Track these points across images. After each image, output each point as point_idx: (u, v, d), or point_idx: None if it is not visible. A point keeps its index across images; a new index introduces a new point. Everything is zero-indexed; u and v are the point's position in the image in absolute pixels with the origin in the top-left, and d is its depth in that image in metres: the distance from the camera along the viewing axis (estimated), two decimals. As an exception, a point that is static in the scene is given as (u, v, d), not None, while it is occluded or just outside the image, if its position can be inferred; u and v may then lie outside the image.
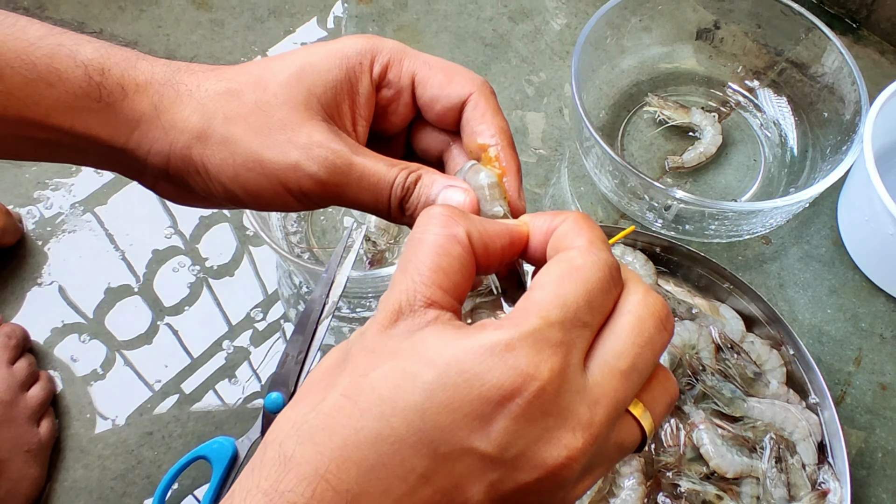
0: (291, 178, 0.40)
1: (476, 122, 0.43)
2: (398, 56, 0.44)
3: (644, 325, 0.32)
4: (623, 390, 0.31)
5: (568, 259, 0.32)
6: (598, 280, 0.31)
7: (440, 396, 0.29)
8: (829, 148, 0.77)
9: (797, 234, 0.79)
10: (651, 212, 0.76)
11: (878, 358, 0.73)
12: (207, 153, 0.42)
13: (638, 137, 0.84)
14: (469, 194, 0.40)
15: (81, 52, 0.42)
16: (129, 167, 0.44)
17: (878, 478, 0.68)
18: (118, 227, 0.79)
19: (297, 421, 0.31)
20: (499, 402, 0.29)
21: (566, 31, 0.93)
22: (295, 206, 0.43)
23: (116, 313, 0.75)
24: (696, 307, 0.72)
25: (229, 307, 0.75)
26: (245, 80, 0.43)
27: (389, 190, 0.41)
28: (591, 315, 0.31)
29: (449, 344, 0.30)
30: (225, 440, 0.65)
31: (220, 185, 0.42)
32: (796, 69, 0.84)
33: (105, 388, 0.71)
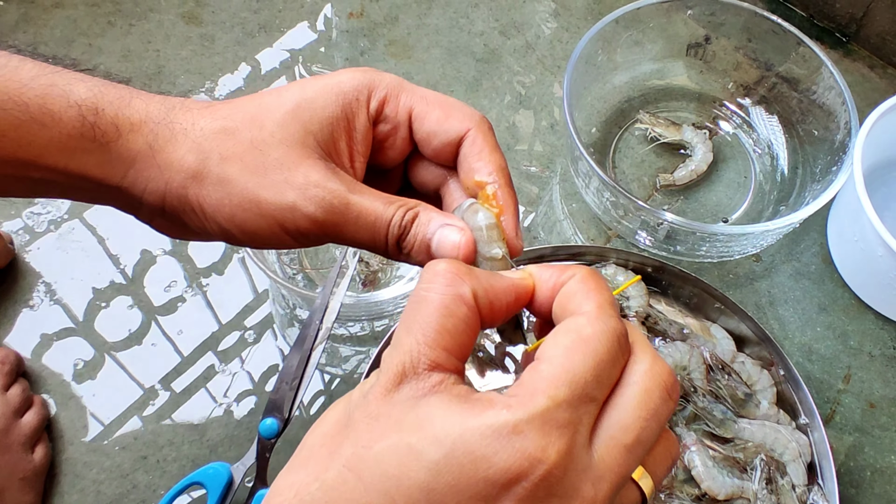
0: (288, 218, 0.40)
1: (474, 159, 0.43)
2: (395, 91, 0.44)
3: (650, 396, 0.32)
4: (627, 464, 0.31)
5: (577, 328, 0.32)
6: (606, 351, 0.31)
7: (446, 477, 0.28)
8: (819, 167, 0.77)
9: (787, 252, 0.80)
10: (643, 230, 0.76)
11: (866, 376, 0.74)
12: (203, 193, 0.41)
13: (629, 154, 0.85)
14: (465, 234, 0.40)
15: (75, 91, 0.42)
16: (124, 204, 0.44)
17: (866, 496, 0.69)
18: (111, 248, 0.79)
19: (300, 490, 0.30)
20: (505, 485, 0.29)
21: (557, 46, 0.93)
22: (292, 245, 0.43)
23: (109, 334, 0.75)
24: (688, 327, 0.72)
25: (222, 329, 0.75)
26: (241, 118, 0.42)
27: (386, 229, 0.40)
28: (599, 389, 0.31)
29: (456, 421, 0.29)
30: (220, 466, 0.65)
31: (217, 224, 0.42)
32: (787, 84, 0.84)
33: (99, 412, 0.71)
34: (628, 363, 0.32)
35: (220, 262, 0.78)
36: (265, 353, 0.74)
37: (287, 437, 0.69)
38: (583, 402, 0.30)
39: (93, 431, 0.70)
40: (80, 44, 0.90)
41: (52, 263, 0.78)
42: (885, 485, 0.69)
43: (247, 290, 0.77)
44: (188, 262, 0.78)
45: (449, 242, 0.40)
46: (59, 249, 0.78)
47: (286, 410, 0.64)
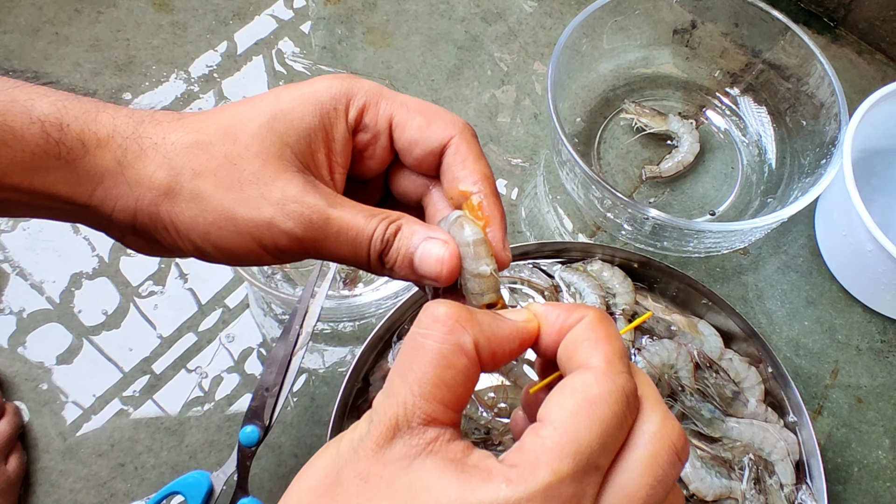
0: (266, 235, 0.39)
1: (458, 168, 0.41)
2: (374, 98, 0.42)
3: (658, 461, 0.30)
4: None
5: (583, 388, 0.29)
6: (614, 415, 0.29)
7: None
8: (807, 159, 0.76)
9: (775, 244, 0.79)
10: (629, 224, 0.75)
11: (854, 371, 0.73)
12: (176, 210, 0.40)
13: (615, 145, 0.83)
14: (449, 247, 0.38)
15: (37, 107, 0.40)
16: (93, 221, 0.42)
17: (853, 493, 0.69)
18: (83, 250, 0.76)
19: None
20: None
21: (540, 32, 0.91)
22: (270, 262, 0.41)
23: (83, 342, 0.72)
24: (675, 324, 0.71)
25: (200, 333, 0.73)
26: (213, 130, 0.41)
27: (368, 243, 0.39)
28: (605, 457, 0.29)
29: (451, 494, 0.28)
30: (200, 474, 0.64)
31: (190, 242, 0.40)
32: (774, 71, 0.83)
33: (75, 419, 0.69)
34: (636, 422, 0.30)
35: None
36: (244, 356, 0.72)
37: (268, 442, 0.68)
38: (588, 473, 0.28)
39: (68, 439, 0.68)
40: (46, 32, 0.87)
41: (22, 264, 0.75)
42: (873, 480, 0.69)
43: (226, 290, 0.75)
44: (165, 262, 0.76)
45: (433, 257, 0.38)
46: (29, 249, 0.76)
47: (266, 418, 0.62)
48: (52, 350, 0.72)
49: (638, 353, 0.69)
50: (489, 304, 0.38)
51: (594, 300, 0.71)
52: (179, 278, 0.75)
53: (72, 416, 0.69)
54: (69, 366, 0.71)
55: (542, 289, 0.72)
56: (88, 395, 0.70)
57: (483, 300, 0.38)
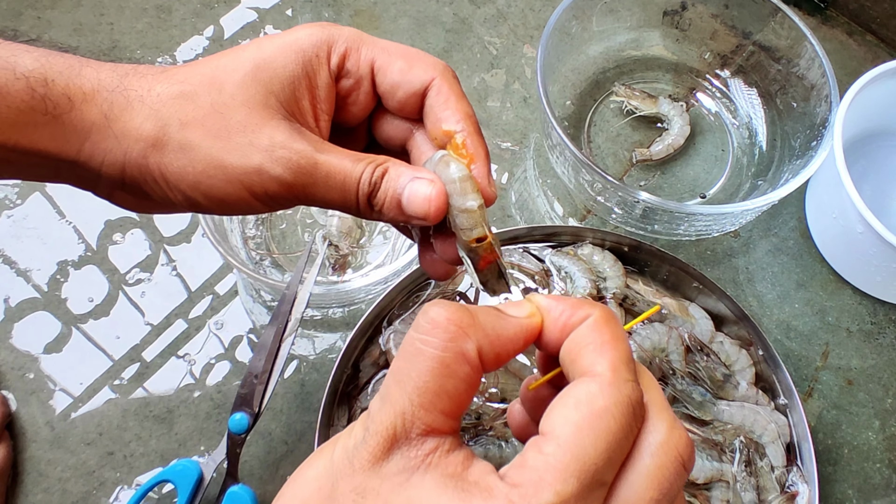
0: (255, 181, 0.39)
1: (440, 109, 0.42)
2: (355, 44, 0.42)
3: (664, 473, 0.29)
4: None
5: (588, 399, 0.28)
6: (620, 428, 0.28)
7: None
8: (798, 141, 0.76)
9: (765, 226, 0.79)
10: (619, 208, 0.74)
11: (844, 353, 0.73)
12: (165, 161, 0.40)
13: (605, 128, 0.83)
14: (436, 185, 0.39)
15: (20, 63, 0.39)
16: (81, 179, 0.42)
17: (844, 474, 0.69)
18: (69, 239, 0.75)
19: None
20: None
21: (529, 14, 0.90)
22: (260, 209, 0.42)
23: (71, 330, 0.72)
24: (666, 308, 0.71)
25: (189, 319, 0.73)
26: (198, 81, 0.41)
27: (357, 187, 0.40)
28: (610, 472, 0.28)
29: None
30: (189, 462, 0.64)
31: (181, 192, 0.40)
32: (765, 53, 0.82)
33: (62, 407, 0.69)
34: (642, 431, 0.29)
35: (186, 238, 0.75)
36: (234, 343, 0.72)
37: (258, 430, 0.68)
38: (592, 491, 0.27)
39: (56, 428, 0.68)
40: (28, 17, 0.85)
41: (7, 252, 0.74)
42: (863, 462, 0.69)
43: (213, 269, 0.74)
44: (155, 231, 0.75)
45: (420, 196, 0.39)
46: (14, 237, 0.75)
47: (256, 405, 0.62)
48: (40, 338, 0.71)
49: (629, 337, 0.69)
50: (478, 238, 0.39)
51: (584, 284, 0.71)
52: (168, 265, 0.74)
53: (59, 405, 0.69)
54: (57, 354, 0.71)
55: (532, 273, 0.72)
56: (76, 384, 0.69)
57: (472, 234, 0.39)
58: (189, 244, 0.75)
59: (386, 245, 0.75)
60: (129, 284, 0.73)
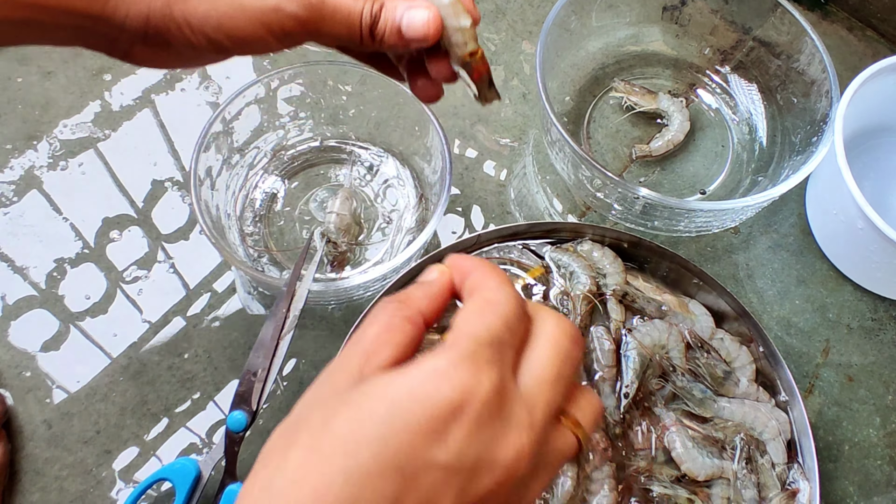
0: (273, 19, 0.43)
1: None
2: None
3: (560, 341, 0.35)
4: (553, 394, 0.34)
5: (482, 296, 0.36)
6: (511, 309, 0.35)
7: (397, 423, 0.30)
8: (798, 137, 0.76)
9: (765, 223, 0.78)
10: (619, 204, 0.74)
11: (844, 349, 0.73)
12: (188, 9, 0.43)
13: (604, 124, 0.82)
14: (432, 9, 0.44)
15: None
16: (102, 36, 0.45)
17: (844, 471, 0.69)
18: (65, 234, 0.75)
19: (264, 485, 0.31)
20: (450, 416, 0.31)
21: (528, 10, 0.89)
22: (276, 47, 0.45)
23: (69, 327, 0.71)
24: (666, 304, 0.71)
25: (187, 317, 0.72)
26: None
27: (360, 20, 0.44)
28: (511, 337, 0.35)
29: (395, 379, 0.32)
30: (187, 461, 0.63)
31: (204, 35, 0.44)
32: (765, 49, 0.82)
33: (59, 406, 0.68)
34: (534, 323, 0.36)
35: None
36: (235, 344, 0.71)
37: (256, 428, 0.67)
38: (501, 345, 0.34)
39: (53, 426, 0.67)
40: (24, 13, 0.85)
41: (4, 250, 0.74)
42: (863, 459, 0.69)
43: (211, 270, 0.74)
44: (153, 228, 0.75)
45: (418, 20, 0.44)
46: (11, 234, 0.74)
47: (254, 403, 0.62)
48: (37, 336, 0.71)
49: (629, 334, 0.69)
50: (472, 52, 0.46)
51: (585, 280, 0.70)
52: (165, 262, 0.74)
53: (57, 403, 0.68)
54: (54, 352, 0.70)
55: (531, 269, 0.72)
56: (73, 382, 0.69)
57: (467, 49, 0.45)
58: (187, 241, 0.75)
59: (384, 242, 0.75)
60: (126, 282, 0.73)
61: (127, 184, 0.78)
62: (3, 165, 0.77)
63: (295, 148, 0.78)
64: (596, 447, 0.65)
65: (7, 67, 0.82)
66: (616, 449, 0.66)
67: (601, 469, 0.64)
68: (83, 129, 0.80)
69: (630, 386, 0.67)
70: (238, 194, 0.75)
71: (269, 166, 0.77)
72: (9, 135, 0.79)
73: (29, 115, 0.80)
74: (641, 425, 0.67)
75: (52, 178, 0.77)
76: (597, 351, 0.69)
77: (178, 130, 0.81)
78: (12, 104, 0.81)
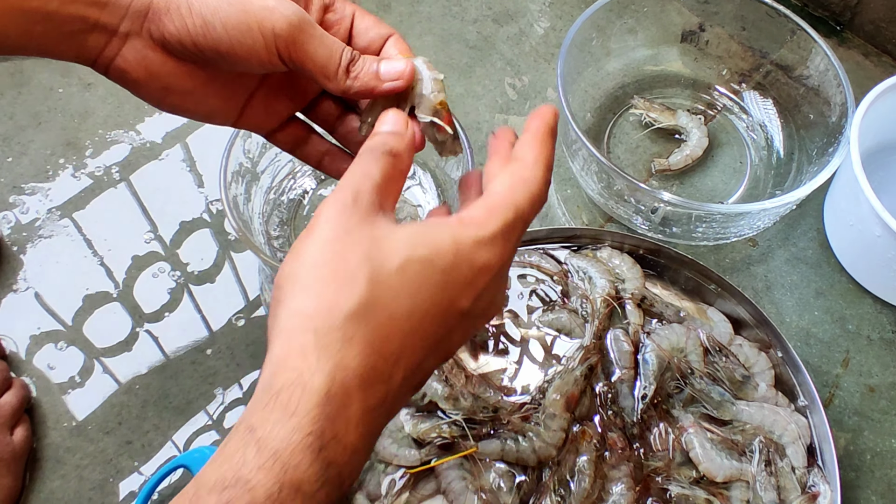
0: (267, 18, 0.44)
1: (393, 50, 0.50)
2: None
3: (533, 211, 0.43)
4: None
5: (519, 172, 0.42)
6: (540, 190, 0.42)
7: (454, 274, 0.38)
8: (815, 150, 0.77)
9: (784, 237, 0.79)
10: (638, 215, 0.75)
11: (865, 360, 0.73)
12: None
13: (624, 140, 0.84)
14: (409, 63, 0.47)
15: None
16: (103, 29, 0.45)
17: (866, 480, 0.68)
18: (96, 233, 0.77)
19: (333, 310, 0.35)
20: (482, 272, 0.39)
21: (551, 34, 0.92)
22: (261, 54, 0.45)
23: (94, 320, 0.73)
24: (684, 310, 0.71)
25: (210, 314, 0.74)
26: None
27: (340, 53, 0.46)
28: (531, 213, 0.42)
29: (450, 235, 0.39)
30: (206, 448, 0.64)
31: (201, 19, 0.44)
32: (782, 71, 0.84)
33: (83, 397, 0.69)
34: None
35: (207, 253, 0.77)
36: (254, 338, 0.72)
37: (276, 420, 0.68)
38: (525, 222, 0.42)
39: (76, 416, 0.68)
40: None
41: (37, 247, 0.76)
42: (886, 469, 0.68)
43: (234, 286, 0.76)
44: (175, 258, 0.77)
45: (395, 67, 0.47)
46: (44, 233, 0.77)
47: (274, 391, 0.62)
48: (63, 330, 0.72)
49: (647, 337, 0.69)
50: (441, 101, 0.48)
51: (603, 284, 0.71)
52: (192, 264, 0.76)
53: (81, 394, 0.69)
54: (80, 344, 0.72)
55: (551, 273, 0.73)
56: (98, 374, 0.70)
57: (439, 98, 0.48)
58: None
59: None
60: (153, 278, 0.75)
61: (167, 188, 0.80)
62: (43, 167, 0.81)
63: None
64: (614, 446, 0.65)
65: (50, 79, 0.86)
66: (633, 449, 0.65)
67: (618, 468, 0.64)
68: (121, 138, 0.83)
69: (648, 388, 0.67)
70: (267, 196, 0.77)
71: (296, 172, 0.79)
72: (48, 141, 0.82)
73: (68, 124, 0.83)
74: (659, 427, 0.67)
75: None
76: (615, 353, 0.69)
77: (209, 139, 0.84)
78: (52, 112, 0.84)
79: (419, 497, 0.63)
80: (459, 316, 0.40)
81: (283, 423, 0.33)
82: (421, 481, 0.64)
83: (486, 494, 0.62)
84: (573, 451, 0.64)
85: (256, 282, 0.75)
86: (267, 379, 0.35)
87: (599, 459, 0.64)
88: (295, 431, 0.33)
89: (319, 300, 0.36)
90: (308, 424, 0.33)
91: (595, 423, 0.66)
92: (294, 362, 0.35)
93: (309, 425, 0.33)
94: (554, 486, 0.63)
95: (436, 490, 0.63)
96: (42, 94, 0.85)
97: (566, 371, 0.67)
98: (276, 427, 0.33)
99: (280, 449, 0.33)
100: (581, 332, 0.70)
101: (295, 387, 0.34)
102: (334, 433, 0.34)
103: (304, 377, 0.34)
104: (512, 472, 0.64)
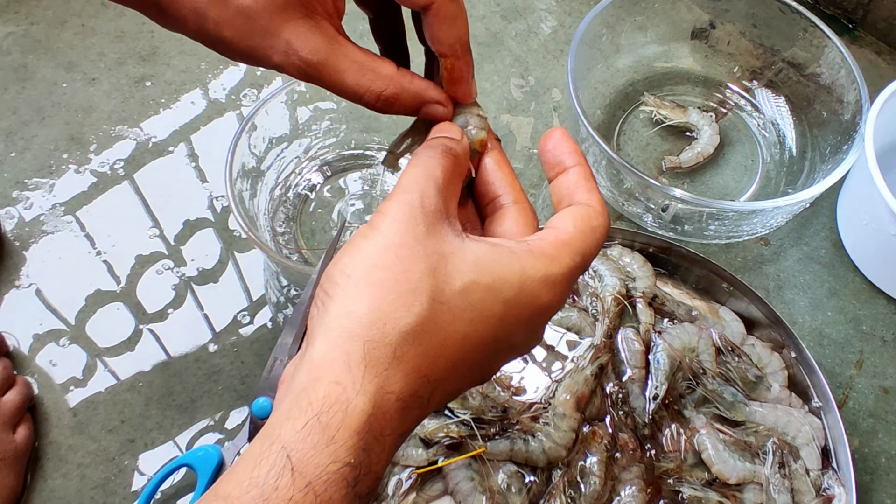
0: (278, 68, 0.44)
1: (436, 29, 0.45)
2: None
3: None
4: None
5: (588, 218, 0.40)
6: (601, 238, 0.41)
7: (514, 310, 0.37)
8: (828, 148, 0.76)
9: (796, 236, 0.78)
10: (648, 212, 0.74)
11: (879, 361, 0.72)
12: None
13: (634, 137, 0.83)
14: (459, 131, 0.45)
15: None
16: None
17: (881, 482, 0.67)
18: (100, 229, 0.76)
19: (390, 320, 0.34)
20: (542, 312, 0.38)
21: (560, 31, 0.91)
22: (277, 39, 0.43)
23: (97, 317, 0.72)
24: (696, 309, 0.70)
25: (214, 311, 0.73)
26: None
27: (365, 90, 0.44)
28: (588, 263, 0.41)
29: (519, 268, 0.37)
30: (210, 447, 0.63)
31: None
32: (793, 69, 0.83)
33: (85, 395, 0.68)
34: None
35: (210, 251, 0.76)
36: (259, 335, 0.71)
37: (281, 418, 0.67)
38: (585, 267, 0.40)
39: (78, 414, 0.67)
40: (72, 24, 0.88)
41: (40, 244, 0.75)
42: (901, 472, 0.67)
43: (238, 285, 0.75)
44: (178, 255, 0.76)
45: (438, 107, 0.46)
46: (48, 230, 0.76)
47: (280, 389, 0.61)
48: (66, 327, 0.71)
49: (658, 336, 0.68)
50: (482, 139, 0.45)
51: (614, 283, 0.70)
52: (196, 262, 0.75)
53: (82, 392, 0.68)
54: (82, 341, 0.71)
55: (560, 271, 0.72)
56: (101, 372, 0.69)
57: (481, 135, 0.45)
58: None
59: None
60: (157, 275, 0.74)
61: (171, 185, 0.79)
62: (46, 162, 0.80)
63: (329, 153, 0.79)
64: (625, 447, 0.64)
65: (54, 73, 0.85)
66: (644, 450, 0.64)
67: (629, 469, 0.63)
68: (125, 133, 0.82)
69: (659, 388, 0.66)
70: (272, 192, 0.76)
71: (303, 170, 0.78)
72: (52, 136, 0.81)
73: (72, 119, 0.83)
74: (671, 427, 0.65)
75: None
76: (626, 352, 0.68)
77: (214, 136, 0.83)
78: (56, 107, 0.83)
79: (426, 497, 0.62)
80: (508, 349, 0.39)
81: (320, 449, 0.31)
82: (428, 482, 0.63)
83: (494, 496, 0.61)
84: (583, 452, 0.63)
85: (261, 279, 0.74)
86: (304, 382, 0.33)
87: (610, 460, 0.63)
88: (332, 462, 0.31)
89: (375, 308, 0.34)
90: (345, 454, 0.32)
91: (606, 423, 0.65)
92: (337, 373, 0.33)
93: (346, 456, 0.32)
94: (564, 488, 0.62)
95: (443, 491, 0.62)
96: (46, 89, 0.84)
97: (576, 370, 0.66)
98: (313, 453, 0.31)
99: (314, 480, 0.31)
100: (591, 330, 0.69)
101: (336, 409, 0.32)
102: (369, 466, 0.33)
103: (347, 395, 0.32)
104: (521, 473, 0.63)
